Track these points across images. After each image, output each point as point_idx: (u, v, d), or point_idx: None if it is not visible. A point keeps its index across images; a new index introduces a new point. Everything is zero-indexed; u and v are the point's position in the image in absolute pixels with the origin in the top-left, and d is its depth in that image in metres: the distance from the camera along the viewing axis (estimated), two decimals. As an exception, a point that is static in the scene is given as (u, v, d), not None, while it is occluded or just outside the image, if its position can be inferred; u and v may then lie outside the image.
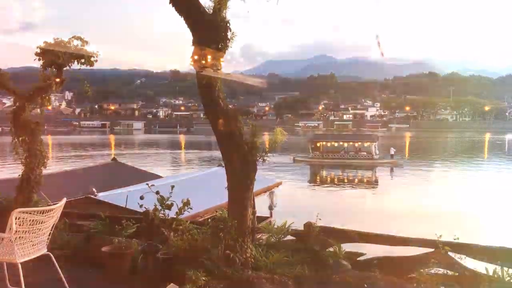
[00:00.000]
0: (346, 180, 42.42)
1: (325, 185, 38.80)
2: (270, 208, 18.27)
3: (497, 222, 22.60)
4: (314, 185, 38.61)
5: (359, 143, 54.67)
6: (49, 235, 4.84)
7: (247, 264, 5.34)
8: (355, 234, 5.97)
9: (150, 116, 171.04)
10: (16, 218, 4.37)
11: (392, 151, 52.67)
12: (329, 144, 55.51)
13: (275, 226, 6.58)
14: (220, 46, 5.13)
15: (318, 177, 44.94)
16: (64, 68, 7.19)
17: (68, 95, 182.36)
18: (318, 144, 54.44)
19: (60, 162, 45.51)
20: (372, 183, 41.24)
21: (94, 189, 11.67)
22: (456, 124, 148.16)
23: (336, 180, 42.24)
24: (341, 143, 55.54)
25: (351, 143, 55.25)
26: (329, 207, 25.13)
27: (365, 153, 52.74)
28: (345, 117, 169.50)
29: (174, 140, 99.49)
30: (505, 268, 5.05)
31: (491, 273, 5.08)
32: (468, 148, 79.56)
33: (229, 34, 5.17)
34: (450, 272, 5.37)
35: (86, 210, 9.15)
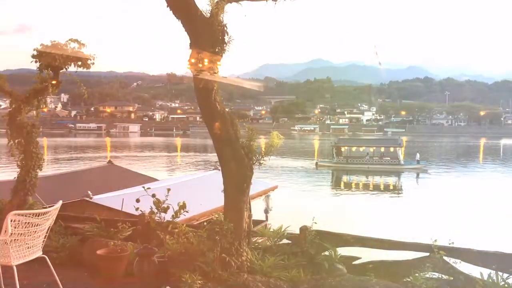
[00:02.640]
0: (371, 187, 40.88)
1: (350, 192, 37.38)
2: (266, 211, 18.25)
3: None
4: (338, 193, 37.10)
5: (385, 148, 52.83)
6: (44, 238, 4.82)
7: (242, 268, 5.35)
8: (351, 238, 5.97)
9: (146, 119, 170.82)
10: (11, 221, 4.36)
11: (418, 156, 51.22)
12: (353, 149, 53.80)
13: (271, 230, 6.58)
14: (217, 49, 5.15)
15: (342, 184, 43.27)
16: (61, 71, 7.19)
17: (64, 97, 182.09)
18: (342, 149, 52.58)
19: (55, 165, 45.36)
20: (398, 190, 39.67)
21: (89, 192, 11.59)
22: (452, 129, 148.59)
23: (361, 186, 40.72)
24: (366, 148, 53.47)
25: (376, 148, 53.43)
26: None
27: (389, 158, 50.88)
28: (341, 121, 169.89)
29: (171, 143, 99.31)
30: (500, 273, 5.08)
31: (486, 278, 5.10)
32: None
33: (226, 38, 5.19)
34: (445, 277, 5.38)
35: (82, 213, 9.11)
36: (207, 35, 5.10)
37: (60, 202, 4.99)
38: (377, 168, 48.70)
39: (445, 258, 5.37)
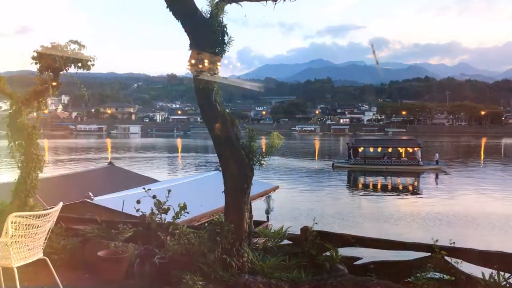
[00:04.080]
0: (389, 187, 40.13)
1: (368, 194, 36.46)
2: (267, 212, 18.26)
3: None
4: (357, 194, 36.34)
5: (404, 148, 51.56)
6: (45, 240, 4.82)
7: (243, 269, 5.34)
8: (352, 238, 5.97)
9: (147, 120, 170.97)
10: (12, 223, 4.36)
11: (437, 156, 50.21)
12: (371, 150, 52.53)
13: (272, 231, 6.58)
14: (217, 50, 5.15)
15: (360, 185, 42.21)
16: (61, 72, 7.18)
17: (65, 99, 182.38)
18: (359, 150, 51.43)
19: (56, 166, 45.39)
20: (417, 191, 38.44)
21: (90, 193, 11.62)
22: (453, 129, 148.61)
23: (379, 187, 39.84)
24: (385, 148, 52.37)
25: (395, 148, 52.00)
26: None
27: (406, 159, 49.82)
28: (341, 121, 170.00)
29: (171, 144, 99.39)
30: (501, 273, 5.07)
31: (487, 278, 5.09)
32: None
33: (226, 38, 5.19)
34: (446, 277, 5.37)
35: (83, 214, 9.12)
36: (207, 36, 5.10)
37: (61, 204, 4.99)
38: (396, 169, 47.72)
39: (446, 258, 5.36)
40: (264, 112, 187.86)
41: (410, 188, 39.92)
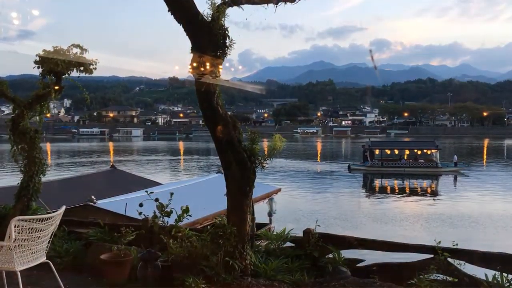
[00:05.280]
0: (407, 190, 39.41)
1: (387, 197, 35.99)
2: (269, 214, 18.23)
3: None
4: (374, 197, 35.83)
5: (422, 150, 50.53)
6: (48, 243, 4.83)
7: (246, 271, 5.34)
8: (354, 240, 5.96)
9: (149, 123, 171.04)
10: (15, 226, 4.36)
11: (455, 158, 49.49)
12: (388, 152, 51.04)
13: (274, 233, 6.58)
14: (218, 53, 5.16)
15: (377, 188, 41.69)
16: (63, 76, 7.21)
17: (67, 102, 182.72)
18: (376, 152, 50.44)
19: (59, 170, 45.45)
20: (436, 193, 37.85)
21: (93, 197, 11.64)
22: (455, 130, 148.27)
23: (396, 189, 39.54)
24: (402, 150, 51.07)
25: (413, 150, 50.96)
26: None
27: (423, 160, 48.87)
28: (343, 123, 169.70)
29: (173, 147, 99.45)
30: (505, 274, 5.06)
31: (490, 279, 5.08)
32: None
33: (227, 41, 5.20)
34: (449, 278, 5.36)
35: (85, 217, 9.12)
36: (208, 39, 5.11)
37: (64, 207, 5.00)
38: (414, 171, 47.03)
39: (449, 259, 5.35)
40: (266, 115, 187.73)
41: (429, 190, 39.48)
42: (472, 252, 5.40)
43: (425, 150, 50.36)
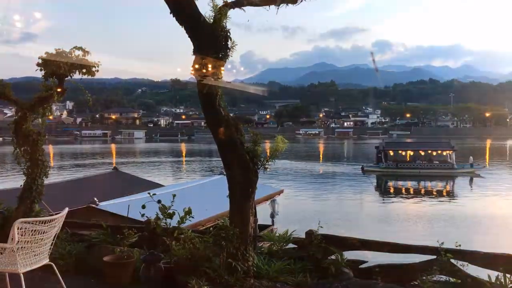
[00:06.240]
0: (422, 191, 39.21)
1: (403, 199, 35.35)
2: (272, 216, 18.23)
3: None
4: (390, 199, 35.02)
5: (437, 151, 49.80)
6: (51, 245, 4.84)
7: (249, 273, 5.34)
8: (357, 242, 5.95)
9: (151, 125, 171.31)
10: (18, 228, 4.38)
11: (471, 159, 48.58)
12: (403, 153, 50.65)
13: (277, 234, 6.58)
14: (220, 55, 5.17)
15: (392, 190, 41.00)
16: (66, 78, 7.22)
17: (69, 104, 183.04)
18: (391, 153, 49.86)
19: (61, 172, 45.53)
20: (452, 195, 37.60)
21: (95, 199, 11.66)
22: (457, 131, 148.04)
23: (412, 191, 39.01)
24: (417, 151, 50.56)
25: (428, 151, 50.06)
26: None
27: (438, 162, 48.28)
28: (346, 124, 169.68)
29: (176, 148, 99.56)
30: (508, 275, 5.04)
31: (493, 280, 5.06)
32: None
33: (229, 43, 5.20)
34: (452, 279, 5.35)
35: (88, 219, 9.14)
36: (210, 41, 5.12)
37: (66, 209, 5.01)
38: (429, 173, 46.53)
39: (452, 260, 5.34)
40: (268, 116, 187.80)
41: (444, 192, 39.14)
42: (474, 253, 5.39)
43: (440, 151, 49.66)
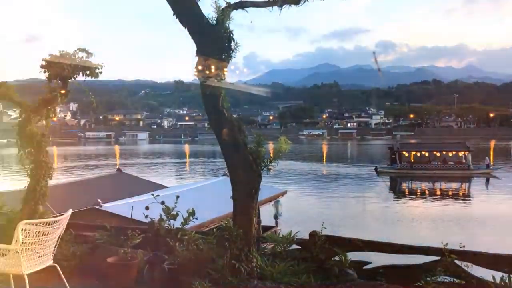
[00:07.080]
0: (438, 193, 38.10)
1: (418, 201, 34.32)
2: (275, 217, 18.21)
3: None
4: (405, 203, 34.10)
5: (453, 152, 48.77)
6: (55, 247, 4.85)
7: (252, 274, 5.34)
8: (361, 243, 5.94)
9: (155, 126, 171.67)
10: (22, 230, 4.38)
11: (487, 160, 48.07)
12: (418, 154, 49.31)
13: (280, 236, 6.57)
14: (223, 56, 5.18)
15: (407, 191, 40.25)
16: (69, 80, 7.24)
17: (73, 106, 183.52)
18: (406, 154, 48.96)
19: (65, 173, 45.64)
20: (468, 197, 36.95)
21: (99, 200, 11.68)
22: (461, 131, 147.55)
23: (427, 192, 38.02)
24: (433, 152, 49.32)
25: (443, 152, 48.98)
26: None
27: (453, 162, 47.47)
28: (349, 125, 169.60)
29: (179, 150, 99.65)
30: (512, 276, 5.02)
31: (498, 281, 5.05)
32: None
33: (232, 45, 5.21)
34: (456, 280, 5.33)
35: (92, 221, 9.16)
36: (213, 42, 5.13)
37: (70, 211, 5.02)
38: (445, 174, 45.73)
39: (456, 261, 5.32)
40: (271, 117, 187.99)
41: (461, 193, 38.64)
42: (479, 254, 5.37)
43: (455, 152, 48.86)
